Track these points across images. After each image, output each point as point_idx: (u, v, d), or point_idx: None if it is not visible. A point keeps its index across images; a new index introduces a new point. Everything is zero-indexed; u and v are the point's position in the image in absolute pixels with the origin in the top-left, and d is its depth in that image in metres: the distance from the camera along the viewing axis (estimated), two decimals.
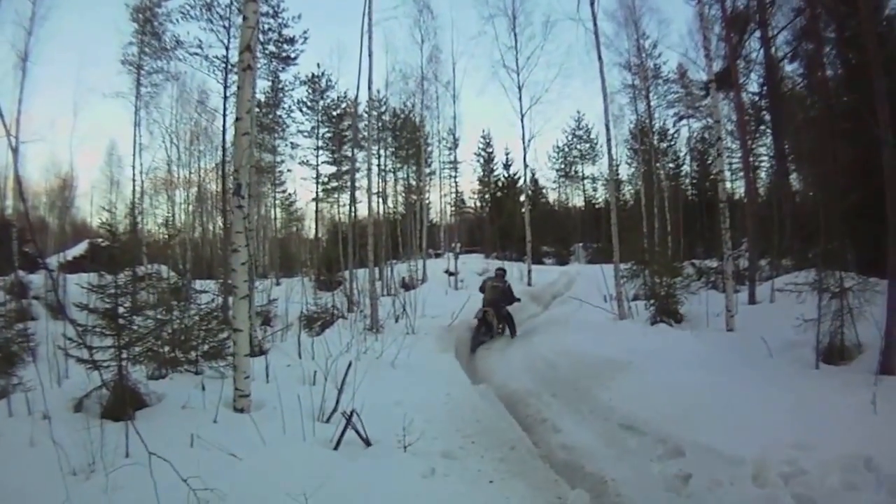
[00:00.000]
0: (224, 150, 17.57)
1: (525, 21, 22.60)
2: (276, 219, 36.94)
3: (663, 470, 5.18)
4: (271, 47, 21.38)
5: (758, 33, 16.84)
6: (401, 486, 4.76)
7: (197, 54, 18.40)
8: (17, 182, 16.48)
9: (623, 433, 6.19)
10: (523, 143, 23.04)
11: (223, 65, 17.43)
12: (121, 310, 5.75)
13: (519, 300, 14.06)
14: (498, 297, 13.29)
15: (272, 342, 10.69)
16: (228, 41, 17.22)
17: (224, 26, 17.47)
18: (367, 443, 5.46)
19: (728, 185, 24.56)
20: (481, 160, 40.97)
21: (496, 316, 13.17)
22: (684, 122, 29.25)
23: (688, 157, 33.52)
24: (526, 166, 25.09)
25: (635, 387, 7.24)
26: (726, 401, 6.09)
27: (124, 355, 5.65)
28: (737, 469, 4.68)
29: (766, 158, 25.50)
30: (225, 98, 16.98)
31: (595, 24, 13.64)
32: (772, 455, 4.70)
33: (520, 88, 22.68)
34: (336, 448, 5.28)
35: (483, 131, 43.73)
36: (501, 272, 14.35)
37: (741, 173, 24.07)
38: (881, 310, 7.06)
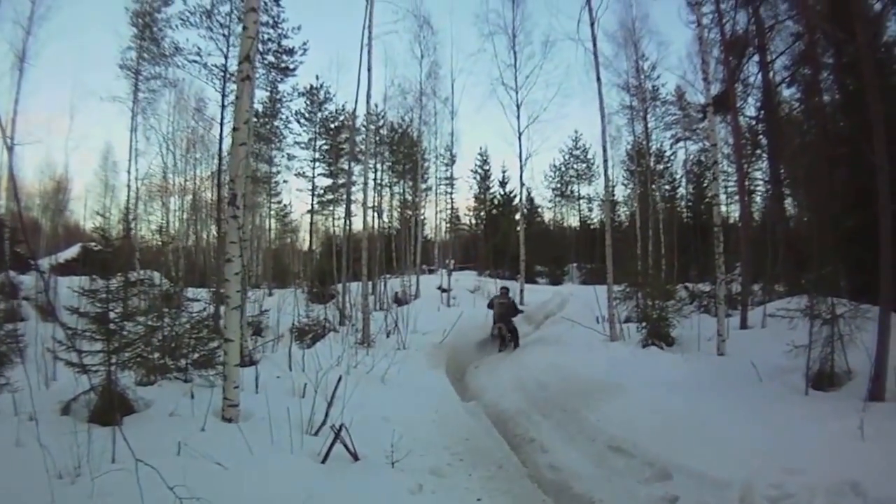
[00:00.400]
0: (220, 158, 17.57)
1: (525, 40, 22.82)
2: (270, 229, 37.03)
3: (650, 492, 5.20)
4: (270, 57, 21.50)
5: (756, 57, 17.03)
6: (388, 502, 4.76)
7: (195, 62, 18.50)
8: (13, 182, 16.39)
9: (611, 454, 6.25)
10: (520, 161, 23.07)
11: (221, 73, 17.52)
12: (112, 315, 5.75)
13: (522, 311, 15.57)
14: (505, 312, 14.39)
15: (263, 353, 10.63)
16: (227, 50, 17.32)
17: (223, 35, 17.59)
18: (355, 457, 5.43)
19: (723, 208, 24.63)
20: (478, 177, 41.24)
21: (507, 329, 14.29)
22: (681, 144, 29.46)
23: (684, 180, 33.70)
24: (522, 185, 25.18)
25: (624, 409, 7.31)
26: (715, 425, 6.19)
27: (114, 360, 5.62)
28: (723, 492, 4.73)
29: (761, 183, 25.55)
30: (223, 107, 17.07)
31: (594, 45, 13.88)
32: (758, 479, 4.76)
33: (518, 107, 22.75)
34: (324, 461, 5.25)
35: (480, 148, 43.65)
36: (505, 290, 15.48)
37: (736, 197, 24.30)
38: (872, 336, 7.09)
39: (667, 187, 33.17)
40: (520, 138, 22.73)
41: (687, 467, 5.35)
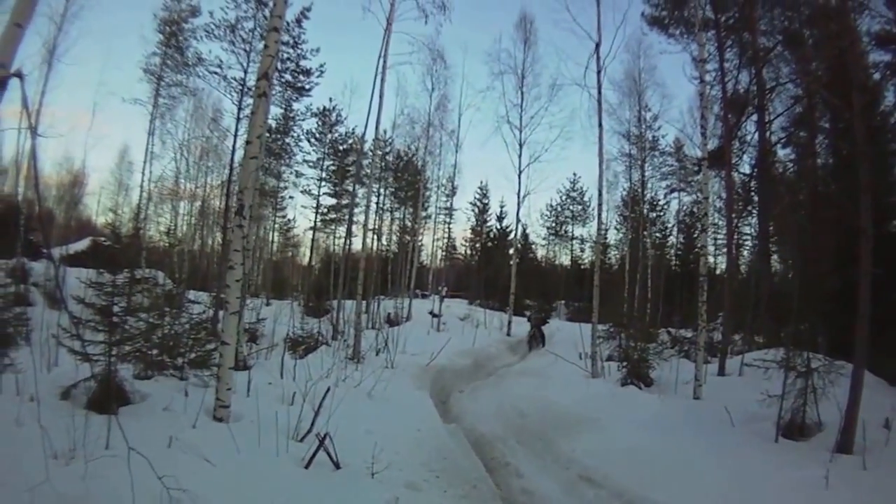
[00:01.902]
0: (231, 169, 17.90)
1: (533, 81, 23.07)
2: (273, 242, 37.33)
3: None
4: (288, 76, 21.77)
5: (754, 116, 17.55)
6: None
7: (216, 73, 18.72)
8: (34, 172, 16.60)
9: (582, 484, 6.47)
10: (518, 198, 23.52)
11: (240, 87, 17.81)
12: (116, 308, 5.99)
13: (548, 322, 22.38)
14: (538, 322, 20.64)
15: (257, 359, 10.85)
16: (247, 65, 17.59)
17: (245, 50, 17.84)
18: (337, 465, 5.62)
19: (711, 259, 25.11)
20: (476, 210, 41.65)
21: (539, 334, 19.80)
22: (675, 194, 29.85)
23: (675, 229, 34.01)
24: (518, 221, 25.63)
25: (599, 442, 7.54)
26: (684, 464, 6.42)
27: (114, 352, 5.84)
28: None
29: (749, 237, 26.12)
30: (238, 119, 17.29)
31: (599, 92, 14.29)
32: None
33: (521, 145, 23.19)
34: (307, 467, 5.44)
35: (481, 182, 44.25)
36: (541, 315, 22.66)
37: (725, 249, 24.64)
38: (844, 391, 7.33)
39: (658, 235, 33.51)
40: (519, 176, 23.22)
41: (653, 501, 5.57)
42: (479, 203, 41.63)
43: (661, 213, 33.14)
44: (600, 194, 14.39)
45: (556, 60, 63.96)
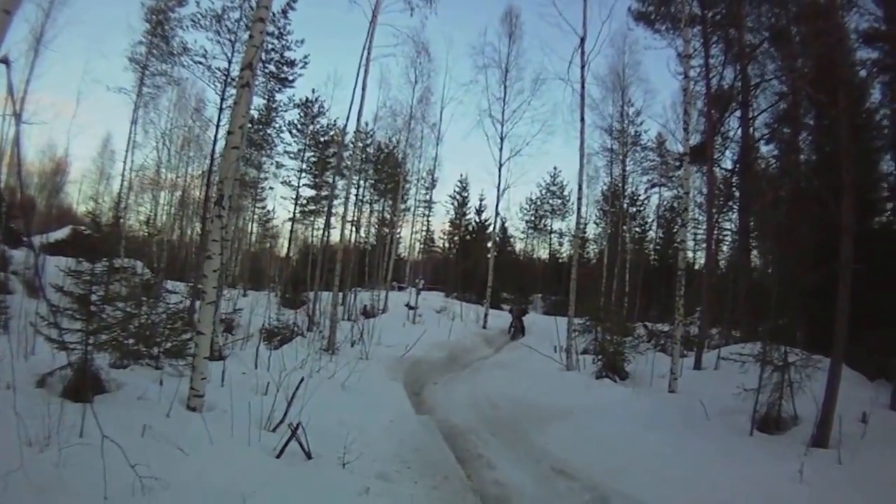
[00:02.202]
0: (212, 159, 17.75)
1: (517, 76, 23.04)
2: (251, 233, 37.26)
3: None
4: (272, 67, 21.58)
5: (738, 113, 17.60)
6: (335, 501, 5.03)
7: (200, 63, 18.52)
8: (17, 159, 16.45)
9: (554, 476, 6.56)
10: (497, 191, 23.71)
11: (223, 77, 17.68)
12: (94, 297, 6.01)
13: (528, 312, 24.06)
14: (519, 313, 22.00)
15: (232, 350, 10.92)
16: (232, 55, 17.52)
17: (230, 40, 17.72)
18: (309, 455, 5.70)
19: (690, 254, 25.40)
20: (455, 203, 41.69)
21: (520, 325, 21.09)
22: (656, 189, 30.14)
23: (654, 224, 34.42)
24: (497, 214, 25.89)
25: (572, 434, 7.69)
26: (657, 457, 6.56)
27: (91, 341, 5.87)
28: None
29: (729, 233, 26.48)
30: (220, 109, 17.31)
31: (582, 87, 14.67)
32: None
33: (502, 139, 23.32)
34: (279, 456, 5.52)
35: (461, 175, 43.87)
36: (522, 307, 24.27)
37: (704, 244, 24.88)
38: (821, 386, 7.47)
39: (637, 230, 33.86)
40: (500, 169, 23.34)
41: (625, 494, 5.68)
42: (458, 196, 41.58)
43: (642, 208, 33.47)
44: (580, 188, 14.64)
45: (540, 55, 63.64)
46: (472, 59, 36.45)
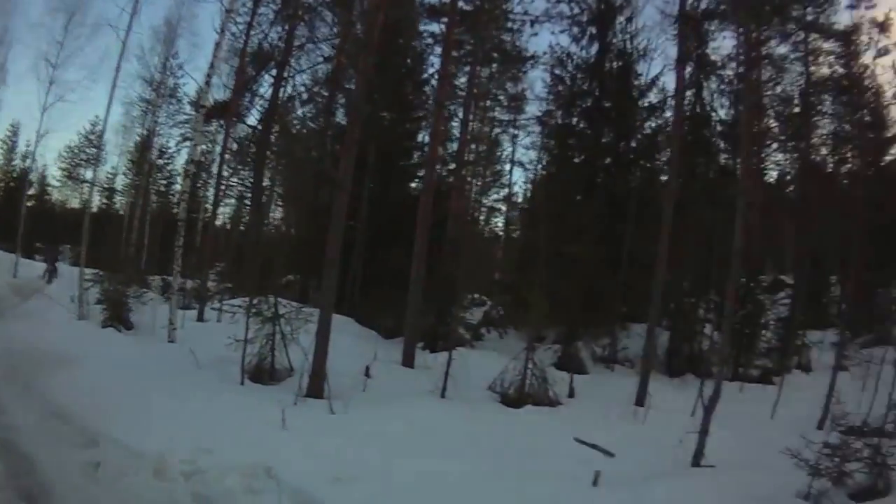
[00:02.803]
0: None
1: (82, 21, 21.33)
2: None
3: (80, 457, 5.35)
4: None
5: (274, 72, 17.61)
6: None
7: None
8: None
9: (55, 421, 6.44)
10: (37, 136, 22.68)
11: None
12: None
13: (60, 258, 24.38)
14: (52, 259, 22.28)
15: None
16: None
17: None
18: None
19: (215, 208, 25.26)
20: (5, 147, 38.38)
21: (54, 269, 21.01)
22: (187, 143, 29.14)
23: (182, 178, 33.68)
24: (33, 160, 26.69)
25: (74, 381, 7.75)
26: (145, 402, 6.96)
27: None
28: (139, 462, 5.06)
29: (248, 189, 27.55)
30: None
31: (127, 35, 14.13)
32: (174, 454, 5.13)
33: (51, 83, 21.40)
34: None
35: (13, 120, 38.49)
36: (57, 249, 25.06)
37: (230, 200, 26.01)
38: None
39: (163, 182, 32.92)
40: (42, 114, 21.79)
41: (113, 437, 5.68)
42: (8, 141, 38.13)
43: (170, 161, 32.46)
44: (101, 136, 15.73)
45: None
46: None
